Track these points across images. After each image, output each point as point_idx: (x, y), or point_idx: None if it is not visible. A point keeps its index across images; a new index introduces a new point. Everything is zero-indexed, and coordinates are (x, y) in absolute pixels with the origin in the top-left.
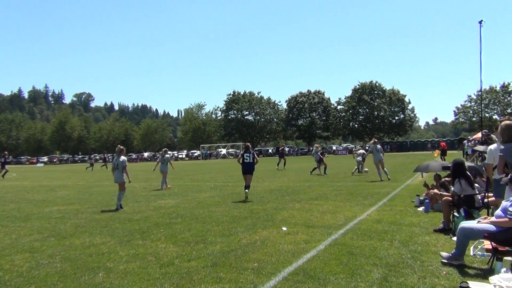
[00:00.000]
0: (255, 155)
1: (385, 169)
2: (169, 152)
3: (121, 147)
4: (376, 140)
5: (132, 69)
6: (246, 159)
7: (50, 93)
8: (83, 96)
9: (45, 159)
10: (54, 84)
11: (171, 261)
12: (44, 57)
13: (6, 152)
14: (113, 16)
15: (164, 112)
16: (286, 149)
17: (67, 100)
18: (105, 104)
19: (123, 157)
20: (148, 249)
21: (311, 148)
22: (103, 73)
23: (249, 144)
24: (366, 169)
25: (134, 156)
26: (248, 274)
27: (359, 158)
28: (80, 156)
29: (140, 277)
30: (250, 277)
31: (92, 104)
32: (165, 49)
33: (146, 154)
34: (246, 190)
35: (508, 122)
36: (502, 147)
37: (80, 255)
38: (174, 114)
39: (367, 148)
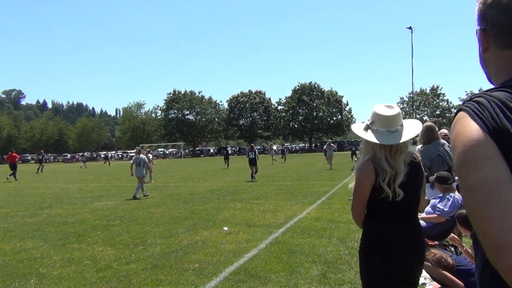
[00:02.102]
0: (256, 153)
1: (332, 162)
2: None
3: (138, 147)
4: (330, 140)
5: (67, 66)
6: (251, 156)
7: None
8: (13, 93)
9: None
10: None
11: (109, 264)
12: None
13: (42, 151)
14: (47, 10)
15: (102, 110)
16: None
17: None
18: (38, 102)
19: (142, 156)
20: (84, 252)
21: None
22: (35, 69)
23: (253, 145)
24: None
25: (68, 156)
26: (189, 275)
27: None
28: None
29: (76, 282)
30: (191, 278)
31: (23, 102)
32: (102, 45)
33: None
34: (254, 175)
35: (429, 124)
36: (421, 148)
37: (10, 261)
38: (112, 113)
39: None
